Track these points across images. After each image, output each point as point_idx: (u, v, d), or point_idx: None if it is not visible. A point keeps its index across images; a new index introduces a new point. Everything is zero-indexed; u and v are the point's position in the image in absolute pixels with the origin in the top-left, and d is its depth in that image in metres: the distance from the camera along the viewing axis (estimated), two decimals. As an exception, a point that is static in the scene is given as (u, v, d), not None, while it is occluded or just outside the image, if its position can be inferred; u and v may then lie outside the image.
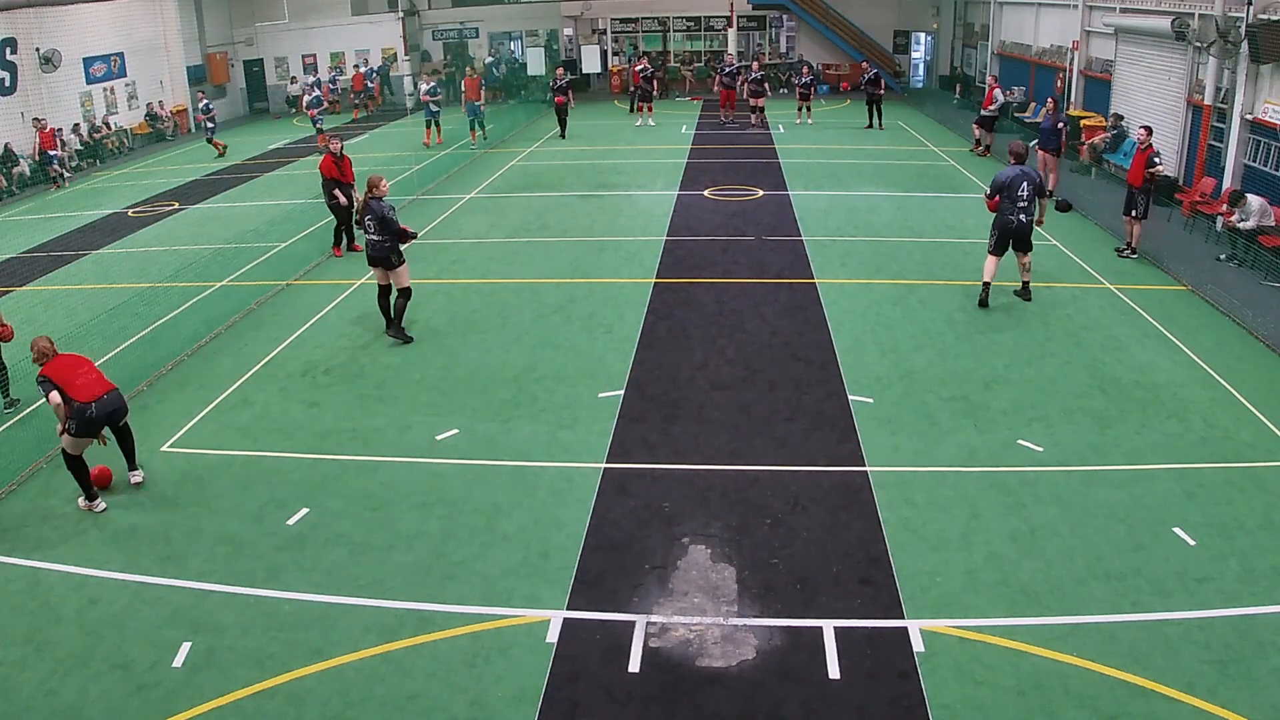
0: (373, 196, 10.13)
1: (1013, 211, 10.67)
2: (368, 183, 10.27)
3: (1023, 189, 10.62)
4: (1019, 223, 10.70)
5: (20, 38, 21.23)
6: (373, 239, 10.19)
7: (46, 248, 15.48)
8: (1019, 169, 10.71)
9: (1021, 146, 11.03)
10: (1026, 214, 10.68)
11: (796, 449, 7.94)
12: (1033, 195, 10.68)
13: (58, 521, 7.22)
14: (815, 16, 32.38)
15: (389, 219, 10.11)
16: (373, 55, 32.33)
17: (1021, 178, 10.62)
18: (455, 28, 33.25)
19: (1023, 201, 10.62)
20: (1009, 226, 10.75)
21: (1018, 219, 10.68)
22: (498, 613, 5.99)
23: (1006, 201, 10.70)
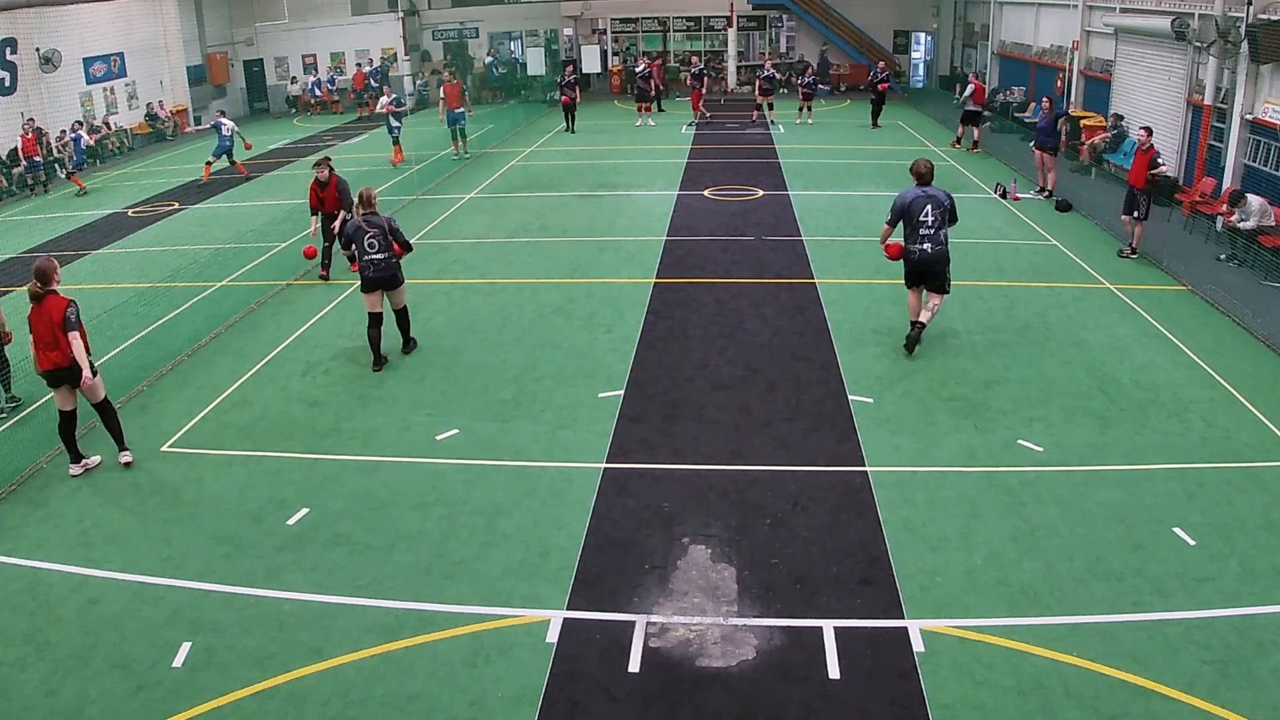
0: (370, 211, 9.38)
1: (915, 240, 9.15)
2: (362, 197, 9.46)
3: (926, 213, 9.05)
4: (923, 254, 9.16)
5: (20, 38, 21.23)
6: (375, 259, 9.36)
7: (47, 248, 15.47)
8: (920, 190, 9.17)
9: (924, 165, 9.33)
10: (934, 243, 9.10)
11: (796, 449, 7.94)
12: (941, 221, 9.09)
13: (58, 521, 7.22)
14: (815, 16, 32.38)
15: (397, 230, 9.43)
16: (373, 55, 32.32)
17: (925, 200, 9.07)
18: (455, 28, 33.26)
19: (927, 229, 9.06)
20: (912, 258, 9.26)
21: (921, 250, 9.14)
22: (498, 613, 5.99)
23: (908, 229, 9.21)
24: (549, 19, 33.22)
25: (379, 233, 9.31)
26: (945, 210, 9.12)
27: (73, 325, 7.43)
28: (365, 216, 9.37)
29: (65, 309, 7.48)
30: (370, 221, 9.34)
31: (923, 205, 9.07)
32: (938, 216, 9.07)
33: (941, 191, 9.23)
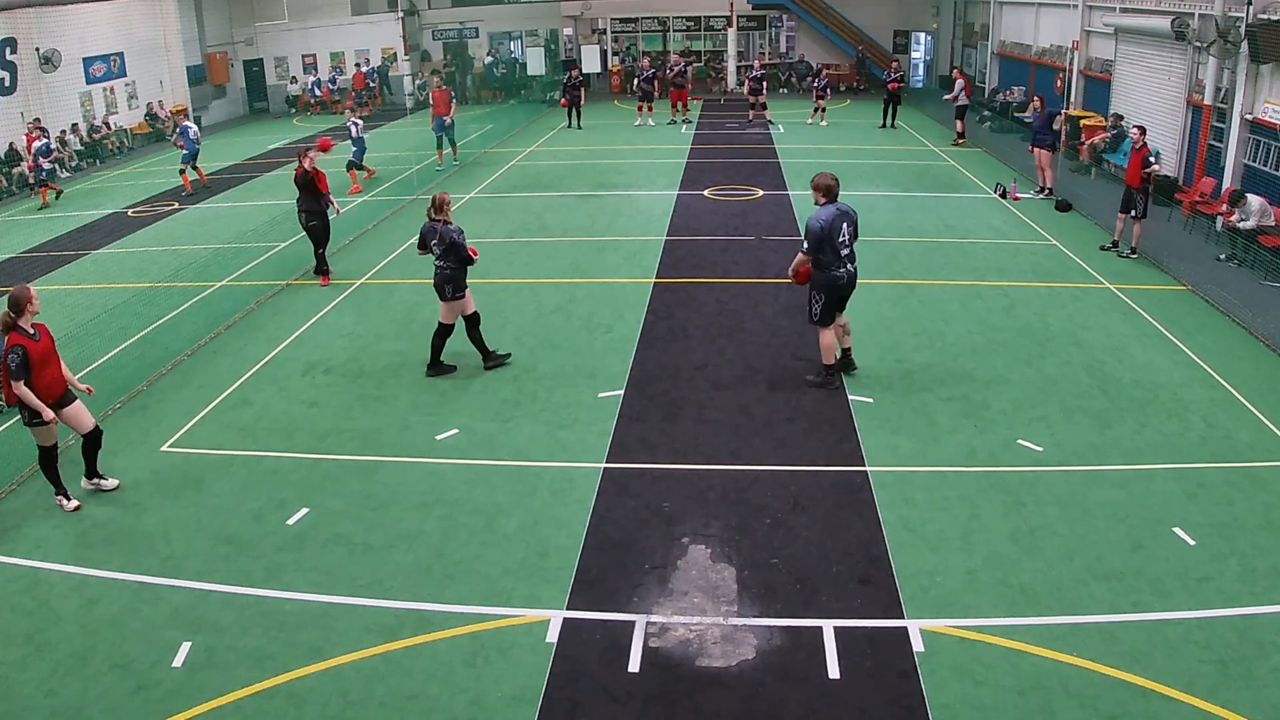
0: (439, 218, 9.16)
1: (838, 264, 8.43)
2: (439, 202, 9.21)
3: (843, 232, 8.39)
4: (850, 275, 8.52)
5: (20, 38, 21.22)
6: (436, 264, 9.25)
7: (46, 248, 15.48)
8: (835, 208, 8.38)
9: (829, 178, 8.52)
10: (853, 262, 8.53)
11: (796, 449, 7.94)
12: (854, 237, 8.52)
13: (58, 521, 7.22)
14: (815, 16, 32.38)
15: (458, 243, 9.10)
16: (373, 55, 32.33)
17: (842, 219, 8.38)
18: (455, 28, 33.25)
19: (847, 249, 8.43)
20: (838, 283, 8.49)
21: (849, 271, 8.51)
22: (498, 613, 5.99)
23: (828, 254, 8.37)
24: (549, 19, 33.22)
25: (438, 242, 9.14)
26: (856, 225, 8.55)
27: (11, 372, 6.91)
28: (435, 221, 9.18)
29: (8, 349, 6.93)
30: (432, 228, 9.18)
31: (841, 225, 8.37)
32: (851, 234, 8.48)
33: (850, 207, 8.55)
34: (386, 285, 12.52)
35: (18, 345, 6.90)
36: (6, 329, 7.04)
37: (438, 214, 9.18)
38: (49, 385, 7.09)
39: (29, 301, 7.11)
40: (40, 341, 7.07)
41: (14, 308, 7.06)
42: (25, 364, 6.88)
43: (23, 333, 6.99)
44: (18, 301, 7.08)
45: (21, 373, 6.88)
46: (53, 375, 7.15)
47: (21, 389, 6.91)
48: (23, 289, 7.15)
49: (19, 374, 6.89)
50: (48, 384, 7.07)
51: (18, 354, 6.86)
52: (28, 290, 7.17)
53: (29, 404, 6.94)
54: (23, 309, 7.06)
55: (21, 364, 6.87)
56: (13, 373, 6.89)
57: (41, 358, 7.03)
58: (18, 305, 7.07)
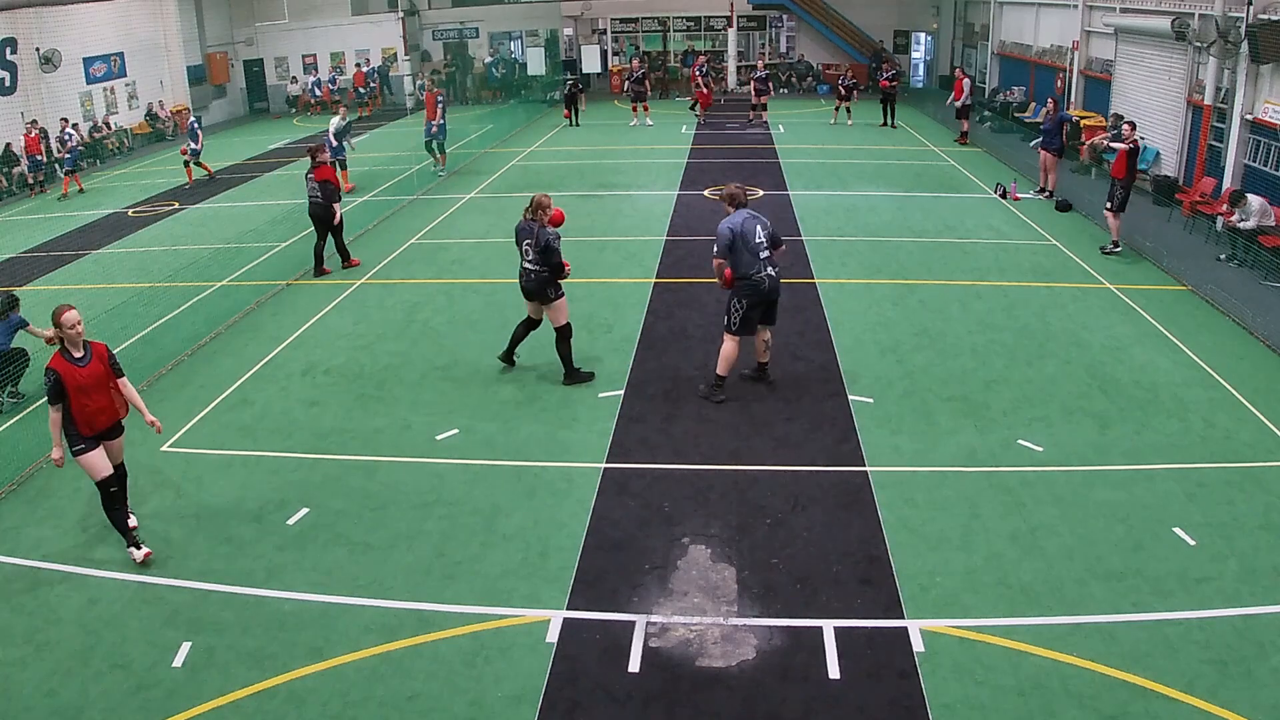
0: (533, 219, 8.87)
1: (758, 267, 8.28)
2: (537, 203, 8.90)
3: (757, 234, 8.28)
4: (770, 280, 8.35)
5: (20, 38, 21.23)
6: (526, 267, 8.94)
7: (46, 248, 15.49)
8: (746, 212, 8.39)
9: (733, 188, 8.68)
10: (774, 266, 8.38)
11: (796, 449, 7.94)
12: (770, 241, 8.39)
13: (57, 521, 7.21)
14: (815, 16, 32.39)
15: (553, 248, 8.78)
16: (373, 55, 32.34)
17: (753, 221, 8.33)
18: (455, 28, 33.26)
19: (765, 251, 8.32)
20: (760, 287, 8.33)
21: (767, 275, 8.33)
22: (498, 613, 5.99)
23: (747, 256, 8.27)
24: (549, 19, 33.23)
25: (532, 244, 8.83)
26: (770, 232, 8.41)
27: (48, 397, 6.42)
28: (529, 224, 8.89)
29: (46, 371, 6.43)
30: (529, 228, 8.88)
31: (753, 227, 8.28)
32: (766, 238, 8.35)
33: (760, 214, 8.53)
34: (386, 285, 12.52)
35: (51, 369, 6.41)
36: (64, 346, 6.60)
37: (534, 215, 8.86)
38: (92, 415, 6.45)
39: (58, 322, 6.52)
40: (87, 366, 6.46)
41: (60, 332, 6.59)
42: (58, 389, 6.35)
43: (65, 355, 6.49)
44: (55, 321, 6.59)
45: (57, 397, 6.36)
46: (98, 405, 6.48)
47: (53, 415, 6.40)
48: (57, 309, 6.54)
49: (52, 398, 6.40)
50: (91, 414, 6.44)
51: (49, 377, 6.38)
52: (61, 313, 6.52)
53: (52, 432, 6.45)
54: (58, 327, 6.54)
55: (54, 389, 6.35)
56: (48, 397, 6.45)
57: (83, 384, 6.41)
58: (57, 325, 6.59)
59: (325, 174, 12.72)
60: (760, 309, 8.52)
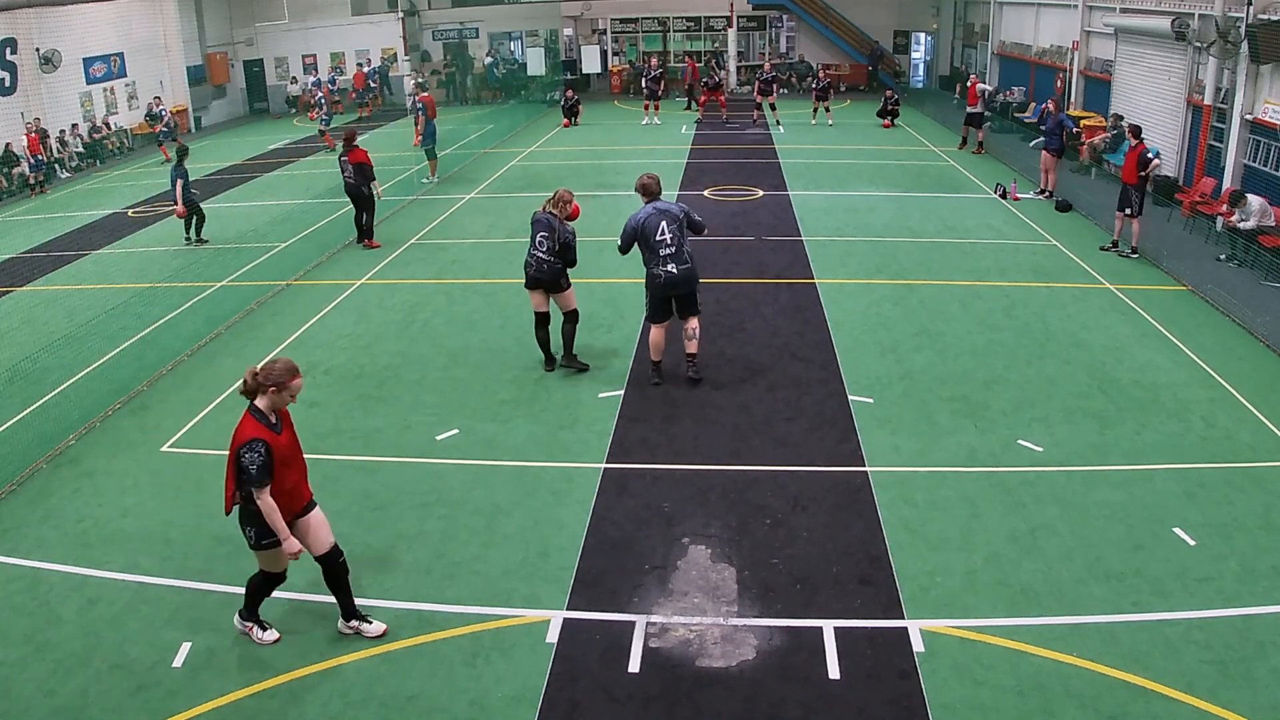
0: (553, 212, 9.05)
1: (657, 263, 8.46)
2: (560, 198, 9.12)
3: (662, 231, 8.40)
4: (668, 275, 8.48)
5: (20, 38, 21.23)
6: (540, 257, 9.02)
7: (46, 248, 15.49)
8: (652, 207, 8.51)
9: (649, 178, 8.73)
10: (678, 262, 8.46)
11: (796, 449, 7.94)
12: (680, 235, 8.46)
13: (57, 521, 7.21)
14: (815, 16, 32.39)
15: (571, 245, 9.05)
16: (373, 55, 32.33)
17: (658, 217, 8.43)
18: (455, 28, 33.27)
19: (667, 248, 8.41)
20: (657, 282, 8.57)
21: (667, 272, 8.46)
22: (498, 613, 5.99)
23: (646, 252, 8.53)
24: (549, 19, 33.24)
25: (548, 236, 8.95)
26: (681, 223, 8.46)
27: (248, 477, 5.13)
28: (548, 215, 9.01)
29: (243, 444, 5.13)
30: (548, 221, 8.97)
31: (656, 223, 8.37)
32: (674, 232, 8.39)
33: (675, 205, 8.64)
34: (386, 285, 12.52)
35: (259, 441, 5.10)
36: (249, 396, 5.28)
37: (555, 208, 9.03)
38: (291, 492, 5.35)
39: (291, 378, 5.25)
40: (284, 434, 5.33)
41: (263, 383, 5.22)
42: (268, 467, 5.11)
43: (263, 420, 5.23)
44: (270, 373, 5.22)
45: (264, 477, 5.09)
46: (295, 478, 5.40)
47: (265, 500, 5.14)
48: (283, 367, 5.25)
49: (260, 479, 5.08)
50: (289, 491, 5.34)
51: (259, 452, 5.08)
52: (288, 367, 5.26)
53: (269, 522, 5.21)
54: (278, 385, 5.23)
55: (263, 467, 5.09)
56: (251, 478, 5.07)
57: (285, 456, 5.29)
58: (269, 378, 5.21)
59: (359, 157, 13.68)
60: (672, 301, 8.60)
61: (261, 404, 5.25)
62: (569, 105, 25.74)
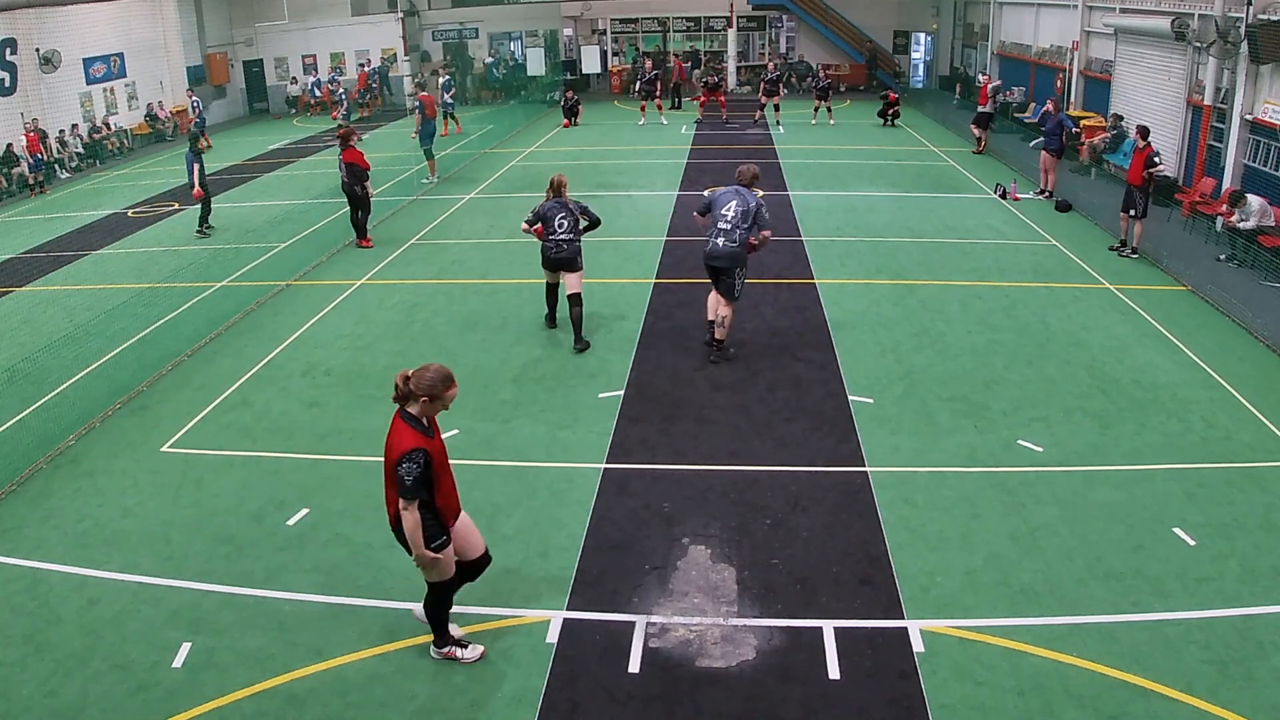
0: (559, 197, 9.83)
1: (711, 234, 9.37)
2: (559, 183, 9.90)
3: (728, 208, 9.22)
4: (713, 247, 9.30)
5: (20, 38, 21.22)
6: (560, 239, 9.73)
7: (46, 248, 15.48)
8: (734, 189, 9.33)
9: (745, 168, 9.46)
10: (726, 238, 9.20)
11: (796, 449, 7.94)
12: (739, 219, 9.14)
13: (58, 521, 7.21)
14: (815, 16, 32.40)
15: (588, 210, 10.01)
16: (373, 56, 32.32)
17: (731, 197, 9.27)
18: (455, 28, 33.28)
19: (725, 223, 9.19)
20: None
21: (713, 242, 9.29)
22: (498, 613, 5.99)
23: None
24: (549, 19, 33.24)
25: (567, 213, 9.80)
26: (748, 211, 9.14)
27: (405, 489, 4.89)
28: (557, 201, 9.82)
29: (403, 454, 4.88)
30: (560, 203, 9.84)
31: (727, 201, 9.25)
32: (736, 214, 9.16)
33: (753, 195, 9.29)
34: (387, 286, 12.52)
35: (419, 450, 4.88)
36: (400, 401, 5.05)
37: (558, 193, 9.85)
38: (448, 494, 5.22)
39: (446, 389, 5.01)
40: (436, 438, 5.12)
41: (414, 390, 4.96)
42: (425, 479, 4.93)
43: (418, 427, 5.00)
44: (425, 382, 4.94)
45: (419, 490, 4.91)
46: (449, 486, 5.23)
47: (414, 514, 4.92)
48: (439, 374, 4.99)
49: (414, 491, 4.89)
50: (447, 492, 5.21)
51: (418, 463, 4.86)
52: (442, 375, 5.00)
53: (410, 538, 5.02)
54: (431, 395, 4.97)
55: (419, 479, 4.89)
56: (406, 489, 4.87)
57: (441, 461, 5.12)
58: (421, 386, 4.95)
59: (352, 157, 13.74)
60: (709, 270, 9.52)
61: (413, 410, 5.01)
62: (569, 105, 25.80)
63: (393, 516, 5.13)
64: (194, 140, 15.46)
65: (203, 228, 15.50)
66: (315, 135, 26.31)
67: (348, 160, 13.80)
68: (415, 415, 5.01)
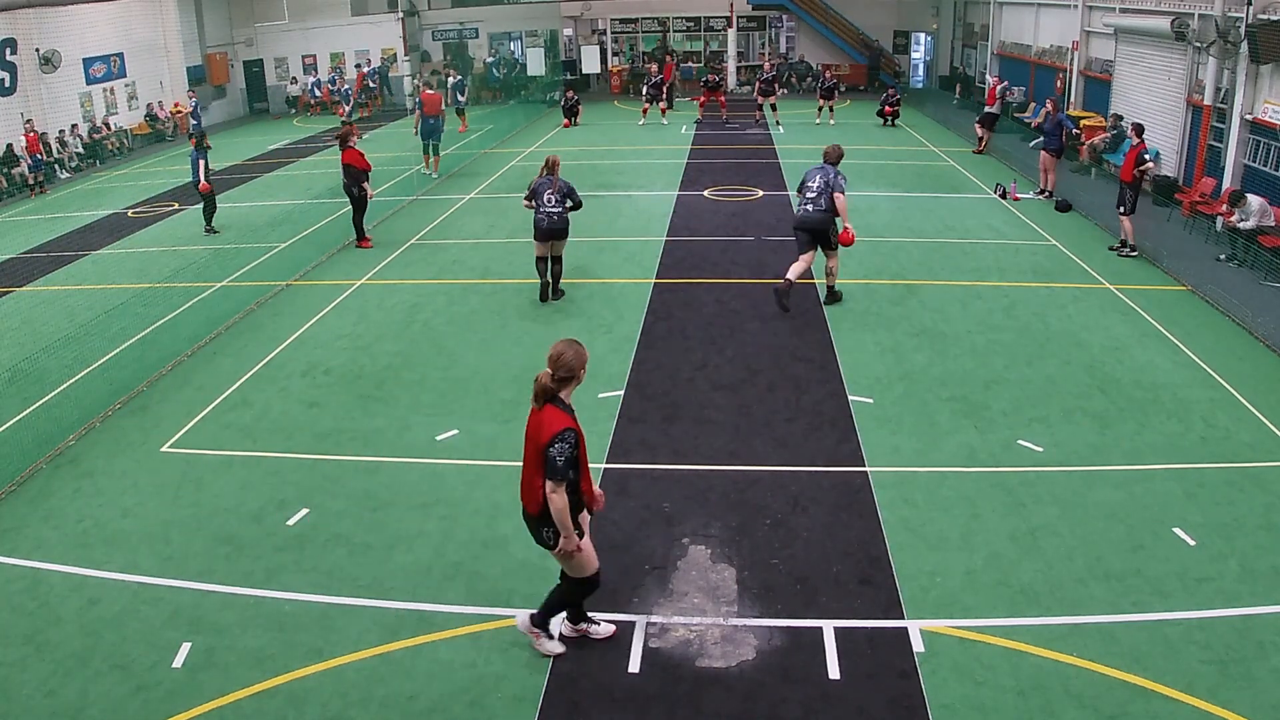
0: (553, 175, 11.15)
1: (800, 204, 10.91)
2: (553, 162, 11.22)
3: (814, 180, 10.79)
4: (801, 214, 10.83)
5: (20, 38, 21.23)
6: (553, 212, 11.05)
7: (46, 248, 15.48)
8: (818, 166, 10.87)
9: (830, 148, 10.99)
10: (815, 206, 10.68)
11: (796, 449, 7.94)
12: (822, 189, 10.68)
13: (58, 521, 7.21)
14: (815, 16, 32.39)
15: (572, 190, 11.24)
16: (373, 56, 32.32)
17: (816, 172, 10.86)
18: (455, 28, 33.27)
19: (811, 193, 10.70)
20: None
21: (802, 210, 10.81)
22: (498, 613, 5.99)
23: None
24: (549, 19, 33.24)
25: (554, 190, 11.07)
26: (829, 182, 10.67)
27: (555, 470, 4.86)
28: (549, 178, 11.10)
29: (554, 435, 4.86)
30: (550, 180, 11.11)
31: (813, 174, 10.83)
32: (820, 186, 10.66)
33: (832, 170, 10.78)
34: (386, 286, 12.52)
35: (570, 430, 4.87)
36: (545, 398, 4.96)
37: (550, 171, 11.16)
38: (585, 484, 5.15)
39: (582, 365, 5.08)
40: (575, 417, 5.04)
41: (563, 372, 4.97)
42: (574, 460, 4.88)
43: (568, 410, 5.01)
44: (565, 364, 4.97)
45: (569, 470, 4.86)
46: (586, 470, 5.16)
47: (561, 495, 4.86)
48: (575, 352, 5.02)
49: (564, 471, 4.83)
50: (585, 482, 5.15)
51: (569, 443, 4.83)
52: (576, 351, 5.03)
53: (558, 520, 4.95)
54: (573, 374, 5.01)
55: (570, 459, 4.84)
56: (557, 470, 4.81)
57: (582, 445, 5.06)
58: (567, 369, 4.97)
59: (349, 157, 13.79)
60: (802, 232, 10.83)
61: (564, 394, 5.05)
62: (569, 105, 25.81)
63: (536, 504, 5.07)
64: (200, 137, 15.57)
65: (209, 225, 15.53)
66: (315, 135, 26.31)
67: (345, 161, 13.83)
68: (567, 403, 5.06)
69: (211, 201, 15.49)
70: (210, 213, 15.56)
